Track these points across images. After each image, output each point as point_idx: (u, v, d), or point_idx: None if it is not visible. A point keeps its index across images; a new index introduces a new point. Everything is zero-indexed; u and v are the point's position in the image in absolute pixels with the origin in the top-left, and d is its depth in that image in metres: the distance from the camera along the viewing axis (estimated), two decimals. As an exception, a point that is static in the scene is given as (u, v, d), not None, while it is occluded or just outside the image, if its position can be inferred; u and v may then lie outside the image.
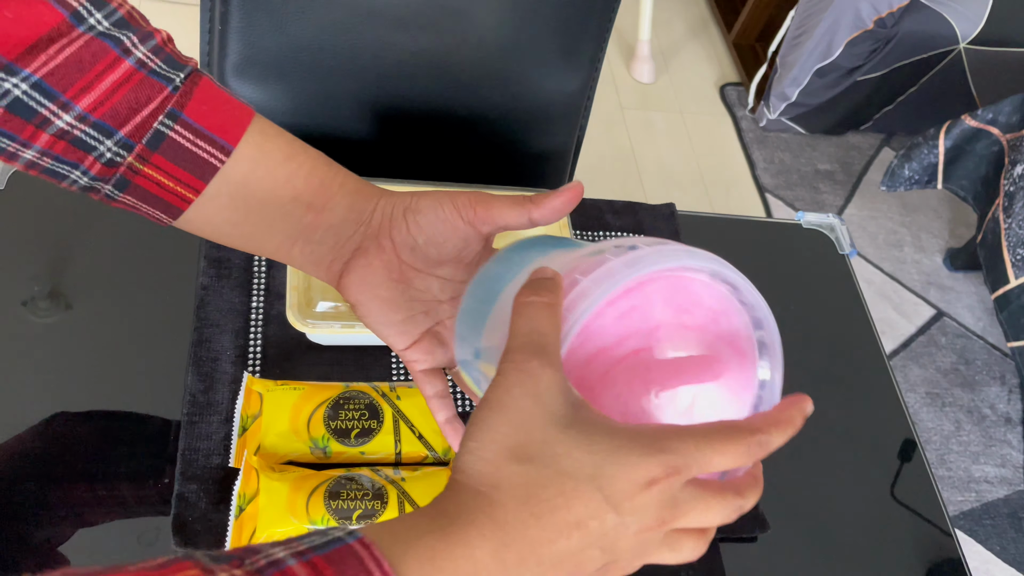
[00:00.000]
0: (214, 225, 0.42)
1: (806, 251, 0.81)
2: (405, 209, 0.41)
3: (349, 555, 0.27)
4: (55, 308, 0.60)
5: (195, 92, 0.39)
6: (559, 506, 0.29)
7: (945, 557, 0.64)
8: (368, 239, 0.42)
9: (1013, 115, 1.59)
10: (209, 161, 0.39)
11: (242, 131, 0.40)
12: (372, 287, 0.42)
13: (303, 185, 0.41)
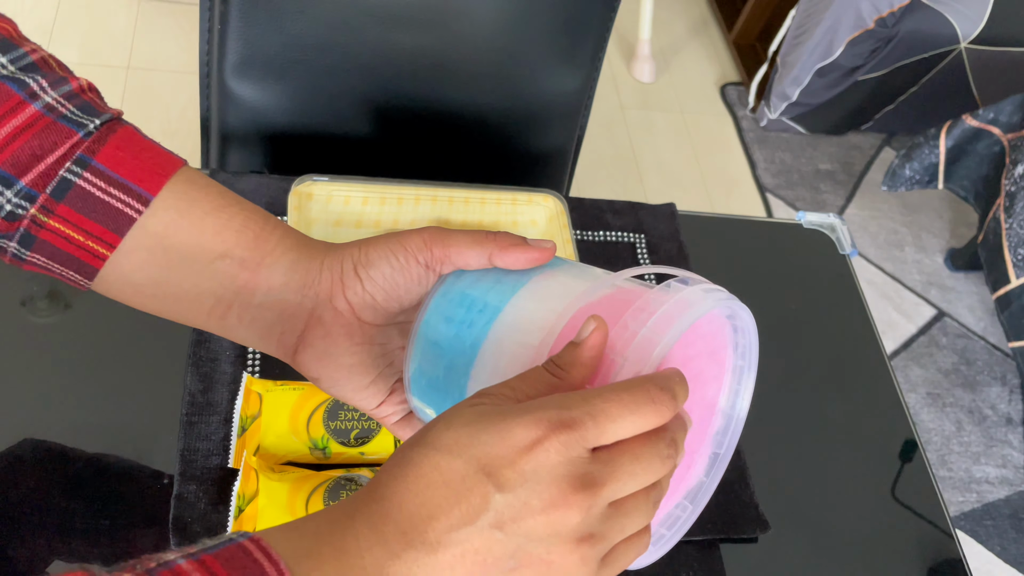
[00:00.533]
0: (135, 286, 0.37)
1: (807, 251, 0.81)
2: (355, 265, 0.37)
3: (239, 551, 0.26)
4: (54, 308, 0.60)
5: (111, 139, 0.35)
6: (434, 481, 0.27)
7: (946, 558, 0.64)
8: (321, 305, 0.37)
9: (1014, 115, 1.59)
10: (124, 211, 0.35)
11: (164, 179, 0.36)
12: (335, 358, 0.37)
13: (234, 239, 0.36)
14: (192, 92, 1.70)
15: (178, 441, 0.54)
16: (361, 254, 0.37)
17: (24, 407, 0.55)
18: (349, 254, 0.37)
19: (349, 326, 0.37)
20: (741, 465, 0.62)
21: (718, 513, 0.60)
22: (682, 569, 0.57)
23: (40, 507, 0.50)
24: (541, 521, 0.27)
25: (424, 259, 0.36)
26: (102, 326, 0.59)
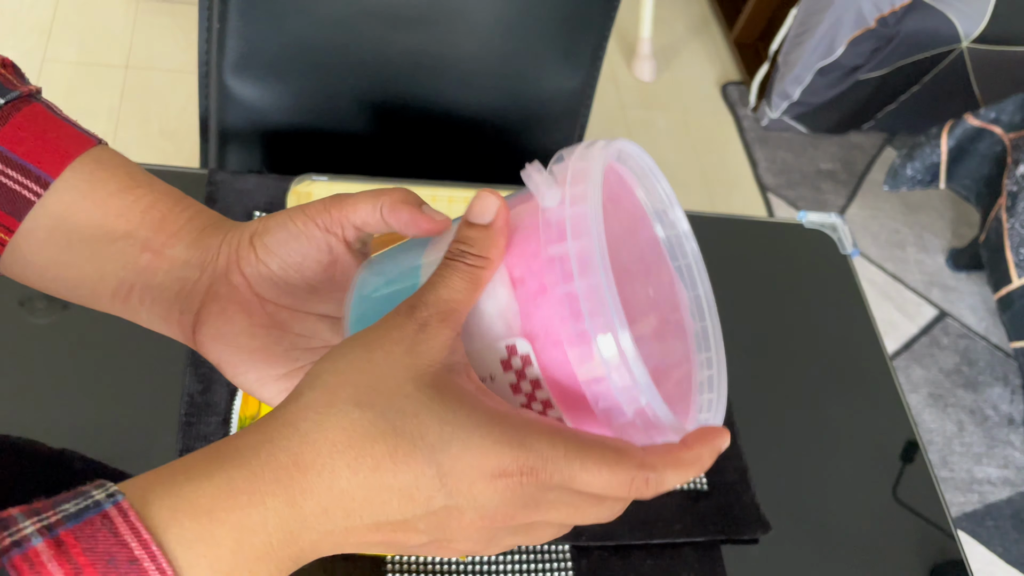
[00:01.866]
0: (36, 268, 0.35)
1: (808, 251, 0.80)
2: (252, 234, 0.34)
3: (102, 525, 0.23)
4: (52, 308, 0.60)
5: (14, 117, 0.34)
6: (384, 467, 0.25)
7: (947, 559, 0.64)
8: (217, 280, 0.34)
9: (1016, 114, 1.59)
10: (21, 194, 0.33)
11: (68, 160, 0.34)
12: (232, 337, 0.34)
13: (139, 219, 0.35)
14: (191, 91, 1.70)
15: (177, 442, 0.54)
16: (260, 224, 0.35)
17: (23, 407, 0.54)
18: (249, 225, 0.35)
19: (247, 302, 0.34)
20: (742, 466, 0.62)
21: (719, 514, 0.59)
22: (683, 570, 0.57)
23: (37, 508, 0.50)
24: (471, 529, 0.26)
25: (323, 222, 0.34)
26: (101, 326, 0.59)
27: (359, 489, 0.25)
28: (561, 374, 0.29)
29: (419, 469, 0.25)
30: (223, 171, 0.68)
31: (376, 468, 0.25)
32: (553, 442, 0.26)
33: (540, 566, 0.55)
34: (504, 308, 0.29)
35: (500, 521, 0.26)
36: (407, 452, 0.25)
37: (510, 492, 0.26)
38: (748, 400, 0.67)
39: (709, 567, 0.57)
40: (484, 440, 0.26)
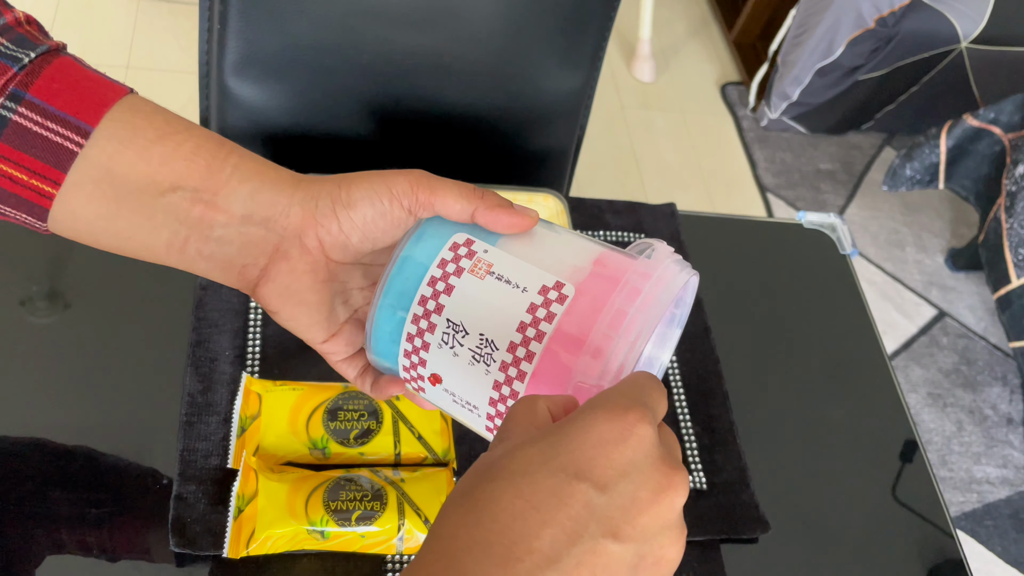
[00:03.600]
0: (86, 222, 0.35)
1: (807, 251, 0.81)
2: (334, 203, 0.35)
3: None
4: (53, 308, 0.60)
5: (45, 70, 0.33)
6: (521, 509, 0.24)
7: (946, 558, 0.64)
8: (288, 239, 0.35)
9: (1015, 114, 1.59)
10: (63, 145, 0.33)
11: (105, 109, 0.34)
12: (297, 294, 0.36)
13: (184, 168, 0.34)
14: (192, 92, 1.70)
15: (177, 442, 0.54)
16: (342, 191, 0.35)
17: (23, 407, 0.54)
18: (327, 191, 0.35)
19: (315, 263, 0.36)
20: (742, 466, 0.62)
21: (718, 513, 0.59)
22: (682, 569, 0.57)
23: (39, 507, 0.50)
24: (653, 514, 0.25)
25: (408, 203, 0.35)
26: (101, 326, 0.59)
27: (516, 543, 0.24)
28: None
29: (553, 484, 0.25)
30: (224, 171, 0.68)
31: (516, 516, 0.25)
32: (615, 389, 0.29)
33: (540, 565, 0.55)
34: None
35: (672, 482, 0.26)
36: (531, 482, 0.25)
37: (647, 439, 0.27)
38: (748, 400, 0.67)
39: (709, 567, 0.58)
40: (578, 422, 0.27)
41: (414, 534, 0.51)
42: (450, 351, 0.34)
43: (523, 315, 0.33)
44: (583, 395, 0.32)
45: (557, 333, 0.33)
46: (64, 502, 0.51)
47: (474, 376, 0.34)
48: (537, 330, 0.33)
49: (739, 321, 0.73)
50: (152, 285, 0.62)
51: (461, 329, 0.34)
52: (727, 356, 0.69)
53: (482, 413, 0.35)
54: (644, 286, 0.33)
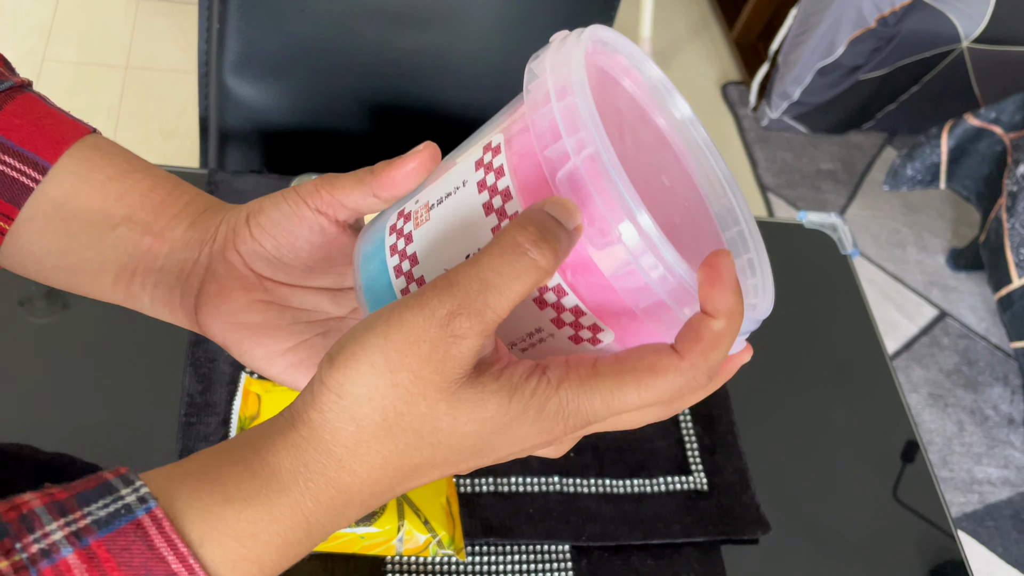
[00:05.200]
0: (35, 258, 0.34)
1: (808, 251, 0.80)
2: (248, 213, 0.34)
3: (136, 536, 0.23)
4: (52, 308, 0.60)
5: (8, 106, 0.33)
6: (423, 473, 0.27)
7: (947, 559, 0.64)
8: (215, 259, 0.34)
9: (1016, 114, 1.59)
10: (19, 180, 0.33)
11: (65, 146, 0.34)
12: (234, 314, 0.34)
13: (138, 202, 0.34)
14: (191, 91, 1.70)
15: (176, 442, 0.54)
16: (256, 203, 0.34)
17: (22, 408, 0.54)
18: (247, 206, 0.35)
19: (244, 279, 0.34)
20: (742, 466, 0.62)
21: (719, 514, 0.59)
22: (683, 570, 0.57)
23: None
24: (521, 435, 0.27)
25: (315, 204, 0.33)
26: (100, 326, 0.59)
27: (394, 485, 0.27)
28: (595, 287, 0.27)
29: (464, 464, 0.27)
30: (223, 171, 0.68)
31: (415, 473, 0.27)
32: (591, 397, 0.26)
33: (540, 566, 0.55)
34: None
35: (557, 435, 0.26)
36: (445, 458, 0.26)
37: (568, 443, 0.27)
38: (748, 400, 0.67)
39: (709, 567, 0.57)
40: (520, 428, 0.26)
41: (414, 535, 0.51)
42: None
43: (477, 202, 0.28)
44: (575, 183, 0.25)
45: (516, 178, 0.27)
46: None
47: None
48: (498, 193, 0.27)
49: (740, 321, 0.73)
50: (151, 285, 0.62)
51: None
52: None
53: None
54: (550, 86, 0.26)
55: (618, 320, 0.28)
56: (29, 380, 0.56)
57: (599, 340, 0.28)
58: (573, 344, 0.28)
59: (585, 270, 0.27)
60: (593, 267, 0.26)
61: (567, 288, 0.27)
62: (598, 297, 0.27)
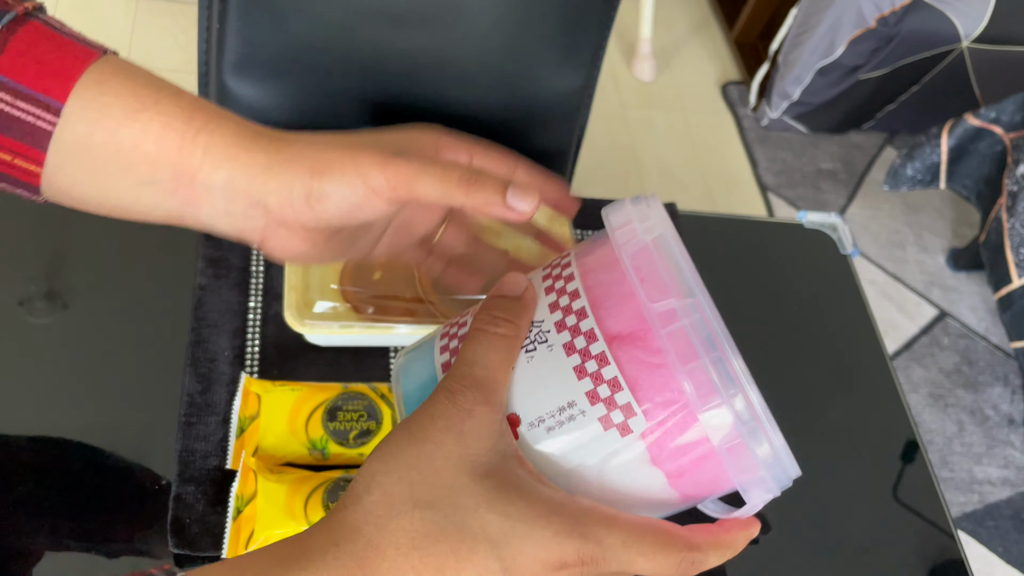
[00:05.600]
0: (80, 200, 0.35)
1: (808, 251, 0.80)
2: (308, 196, 0.33)
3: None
4: (52, 308, 0.60)
5: (11, 42, 0.32)
6: (447, 565, 0.25)
7: (947, 559, 0.64)
8: (271, 225, 0.35)
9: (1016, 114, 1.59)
10: (37, 125, 0.32)
11: (72, 82, 0.32)
12: (304, 256, 0.36)
13: (156, 153, 0.33)
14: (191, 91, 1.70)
15: (176, 442, 0.54)
16: (314, 182, 0.33)
17: (21, 408, 0.54)
18: (300, 179, 0.33)
19: (307, 235, 0.35)
20: (742, 466, 0.62)
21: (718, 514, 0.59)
22: (683, 571, 0.57)
23: (37, 508, 0.50)
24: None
25: (388, 198, 0.33)
26: (100, 326, 0.59)
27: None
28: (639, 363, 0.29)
29: (483, 564, 0.25)
30: (223, 171, 0.68)
31: (440, 569, 0.25)
32: (611, 529, 0.27)
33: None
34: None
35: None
36: (470, 548, 0.25)
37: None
38: (748, 400, 0.67)
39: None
40: (545, 532, 0.26)
41: None
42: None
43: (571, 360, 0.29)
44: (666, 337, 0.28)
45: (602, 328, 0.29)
46: (62, 503, 0.51)
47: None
48: (588, 348, 0.29)
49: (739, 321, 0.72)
50: (151, 285, 0.62)
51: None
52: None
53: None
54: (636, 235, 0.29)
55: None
56: (29, 380, 0.56)
57: (629, 429, 0.29)
58: (602, 428, 0.29)
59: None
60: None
61: (610, 358, 0.29)
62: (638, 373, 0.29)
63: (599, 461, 0.29)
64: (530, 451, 0.29)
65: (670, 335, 0.28)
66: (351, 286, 0.63)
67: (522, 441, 0.29)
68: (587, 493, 0.29)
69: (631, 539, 0.27)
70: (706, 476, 0.30)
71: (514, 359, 0.29)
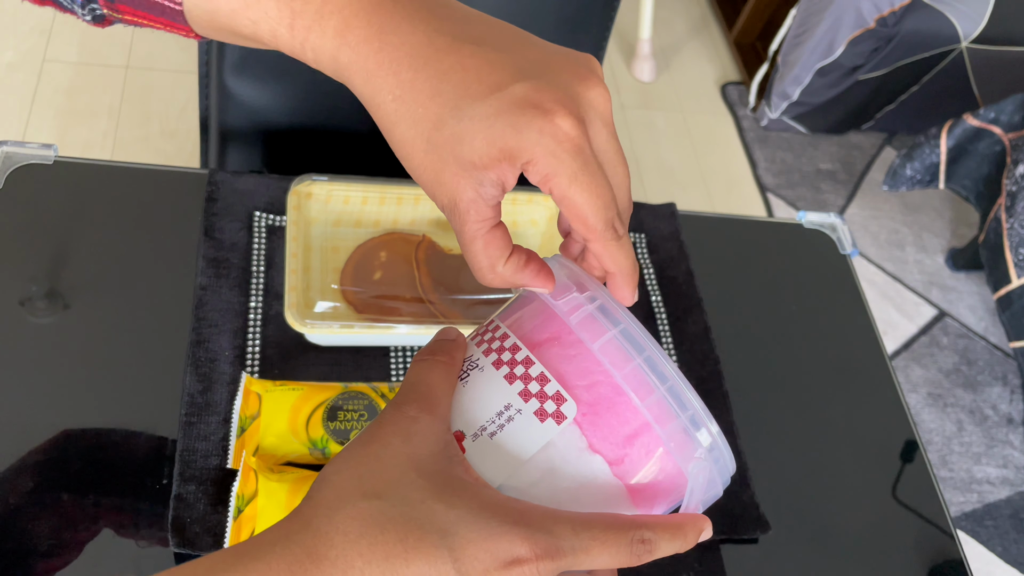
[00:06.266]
0: (221, 34, 0.35)
1: (807, 251, 0.81)
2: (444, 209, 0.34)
3: None
4: (53, 308, 0.60)
5: None
6: (395, 554, 0.25)
7: (947, 558, 0.64)
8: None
9: (1015, 114, 1.59)
10: (167, 5, 0.33)
11: None
12: None
13: (270, 41, 0.34)
14: (191, 91, 1.70)
15: (177, 442, 0.54)
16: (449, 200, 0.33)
17: (22, 407, 0.54)
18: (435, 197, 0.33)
19: None
20: (742, 466, 0.62)
21: (719, 514, 0.59)
22: (682, 569, 0.57)
23: (38, 508, 0.50)
24: None
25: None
26: (101, 326, 0.59)
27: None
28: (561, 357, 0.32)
29: (430, 555, 0.26)
30: (223, 171, 0.68)
31: (388, 556, 0.25)
32: (557, 521, 0.27)
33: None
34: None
35: None
36: (417, 537, 0.26)
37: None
38: (748, 399, 0.67)
39: (709, 566, 0.57)
40: (491, 522, 0.26)
41: None
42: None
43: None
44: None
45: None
46: (63, 502, 0.51)
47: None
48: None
49: (739, 321, 0.73)
50: (152, 285, 0.62)
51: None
52: (727, 356, 0.69)
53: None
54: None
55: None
56: (30, 380, 0.56)
57: (563, 415, 0.31)
58: (539, 421, 0.31)
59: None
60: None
61: (534, 359, 0.32)
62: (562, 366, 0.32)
63: (543, 458, 0.30)
64: (478, 462, 0.30)
65: (579, 323, 0.32)
66: (351, 286, 0.64)
67: (469, 453, 0.31)
68: (538, 495, 0.30)
69: (580, 526, 0.27)
70: (643, 461, 0.31)
71: (453, 381, 0.32)
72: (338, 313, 0.62)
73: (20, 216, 0.63)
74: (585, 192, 0.29)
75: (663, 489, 0.32)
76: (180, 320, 0.60)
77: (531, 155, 0.29)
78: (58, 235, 0.63)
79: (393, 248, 0.66)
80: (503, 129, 0.29)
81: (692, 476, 0.32)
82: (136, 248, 0.63)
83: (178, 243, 0.64)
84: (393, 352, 0.62)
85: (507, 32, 0.32)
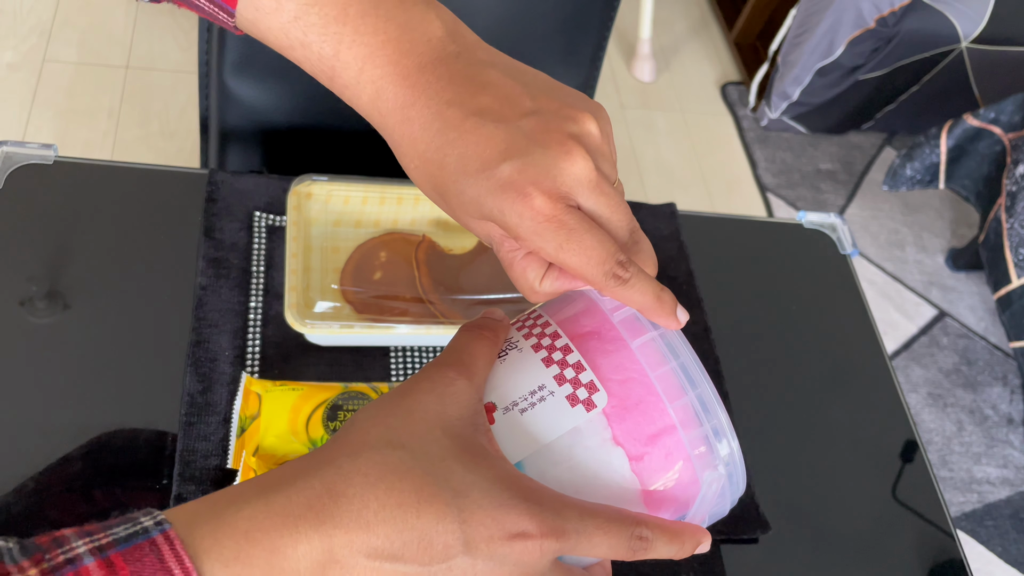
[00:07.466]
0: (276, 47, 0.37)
1: (807, 251, 0.81)
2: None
3: (150, 551, 0.25)
4: (53, 308, 0.60)
5: None
6: (408, 503, 0.27)
7: (947, 558, 0.64)
8: None
9: (1015, 114, 1.59)
10: (219, 16, 0.36)
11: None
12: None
13: (302, 57, 0.36)
14: (191, 91, 1.70)
15: (177, 442, 0.54)
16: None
17: (22, 407, 0.54)
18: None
19: None
20: (742, 466, 0.62)
21: (718, 514, 0.59)
22: (682, 569, 0.57)
23: (37, 508, 0.50)
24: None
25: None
26: (101, 327, 0.59)
27: (382, 525, 0.26)
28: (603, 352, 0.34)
29: (441, 511, 0.27)
30: (223, 171, 0.68)
31: (401, 504, 0.27)
32: (566, 505, 0.29)
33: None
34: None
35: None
36: (432, 493, 0.27)
37: (524, 556, 0.27)
38: (748, 399, 0.67)
39: (709, 566, 0.57)
40: (503, 494, 0.28)
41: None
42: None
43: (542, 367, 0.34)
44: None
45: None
46: (63, 502, 0.51)
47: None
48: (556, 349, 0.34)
49: (739, 321, 0.73)
50: (152, 285, 0.62)
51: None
52: (727, 356, 0.69)
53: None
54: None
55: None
56: (30, 380, 0.56)
57: (593, 404, 0.32)
58: (569, 405, 0.32)
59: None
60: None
61: (573, 347, 0.33)
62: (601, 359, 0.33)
63: (566, 442, 0.31)
64: (503, 435, 0.32)
65: (622, 321, 0.33)
66: (351, 286, 0.64)
67: (497, 426, 0.32)
68: (556, 477, 0.31)
69: (586, 512, 0.29)
70: (662, 462, 0.32)
71: (493, 355, 0.33)
72: (338, 313, 0.62)
73: (20, 216, 0.63)
74: (575, 257, 0.32)
75: (675, 493, 0.32)
76: (180, 320, 0.60)
77: (515, 234, 0.32)
78: (58, 235, 0.63)
79: (393, 248, 0.66)
80: (491, 211, 0.32)
81: (706, 484, 0.32)
82: (136, 248, 0.63)
83: (178, 243, 0.64)
84: (393, 352, 0.62)
85: (514, 92, 0.34)
